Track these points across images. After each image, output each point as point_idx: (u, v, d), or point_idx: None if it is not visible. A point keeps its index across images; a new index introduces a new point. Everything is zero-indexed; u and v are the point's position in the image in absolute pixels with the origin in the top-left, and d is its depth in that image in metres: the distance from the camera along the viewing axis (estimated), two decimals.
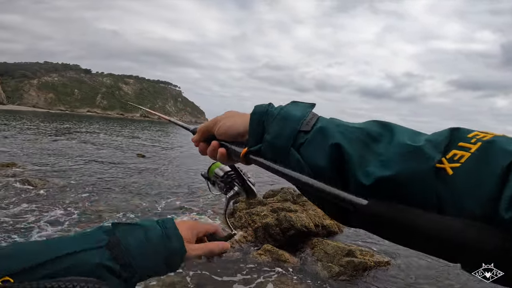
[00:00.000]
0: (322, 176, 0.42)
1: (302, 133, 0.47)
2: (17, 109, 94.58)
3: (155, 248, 0.55)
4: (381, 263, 4.65)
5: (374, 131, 0.42)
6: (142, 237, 0.55)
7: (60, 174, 8.49)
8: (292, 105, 0.51)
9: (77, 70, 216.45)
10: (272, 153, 0.49)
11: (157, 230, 0.58)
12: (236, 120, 0.56)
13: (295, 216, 5.50)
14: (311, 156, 0.45)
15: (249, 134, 0.52)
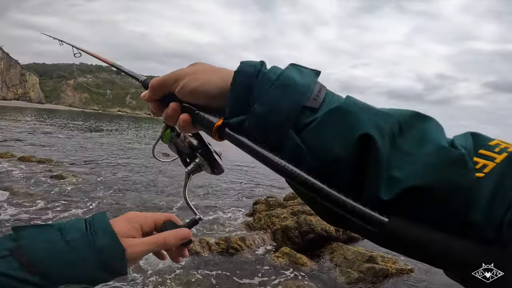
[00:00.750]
0: (331, 175, 0.33)
1: (307, 110, 0.35)
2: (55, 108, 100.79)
3: (77, 250, 0.44)
4: (404, 270, 4.47)
5: (405, 122, 0.34)
6: (57, 239, 0.45)
7: (92, 171, 8.96)
8: (293, 69, 0.38)
9: (109, 71, 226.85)
10: (260, 131, 0.36)
11: (78, 228, 0.47)
12: (208, 77, 0.41)
13: (316, 219, 5.43)
14: (323, 147, 0.34)
15: (230, 100, 0.38)
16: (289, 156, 0.34)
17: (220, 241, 4.70)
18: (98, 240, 0.46)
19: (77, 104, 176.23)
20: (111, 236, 0.47)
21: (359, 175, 0.33)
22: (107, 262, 0.46)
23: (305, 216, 5.58)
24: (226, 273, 3.97)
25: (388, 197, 0.31)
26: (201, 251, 4.43)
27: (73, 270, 0.44)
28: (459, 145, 0.31)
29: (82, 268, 0.44)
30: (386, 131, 0.32)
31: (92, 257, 0.45)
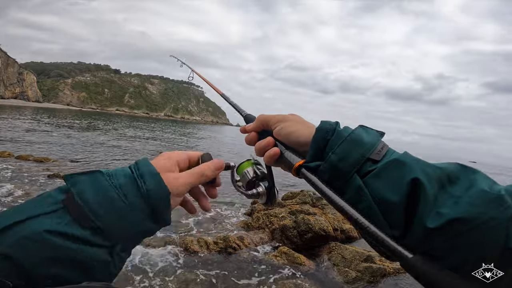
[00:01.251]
0: (387, 210, 0.41)
1: (370, 161, 0.45)
2: (53, 107, 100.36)
3: (125, 196, 0.43)
4: (401, 269, 4.49)
5: (454, 174, 0.41)
6: (106, 186, 0.43)
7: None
8: (361, 129, 0.49)
9: (108, 70, 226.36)
10: (330, 174, 0.47)
11: (125, 173, 0.46)
12: (300, 128, 0.54)
13: (314, 219, 5.45)
14: (381, 187, 0.43)
15: (310, 148, 0.50)
16: (352, 195, 0.44)
17: (219, 241, 4.70)
18: (144, 184, 0.45)
19: (75, 103, 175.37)
20: (156, 178, 0.46)
21: (409, 210, 0.40)
22: (153, 208, 0.45)
23: (303, 216, 5.59)
24: (225, 272, 3.98)
25: (434, 225, 0.37)
26: (199, 251, 4.43)
27: (123, 219, 0.43)
28: (503, 189, 0.38)
29: (132, 216, 0.43)
30: (433, 177, 0.41)
31: (141, 202, 0.44)
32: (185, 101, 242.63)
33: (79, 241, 0.39)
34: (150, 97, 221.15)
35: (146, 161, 0.49)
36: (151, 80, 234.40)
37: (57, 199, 0.42)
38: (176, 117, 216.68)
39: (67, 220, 0.40)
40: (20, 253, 0.37)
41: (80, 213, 0.40)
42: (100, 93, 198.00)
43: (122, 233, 0.43)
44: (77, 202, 0.41)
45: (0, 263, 0.36)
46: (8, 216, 0.39)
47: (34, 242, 0.37)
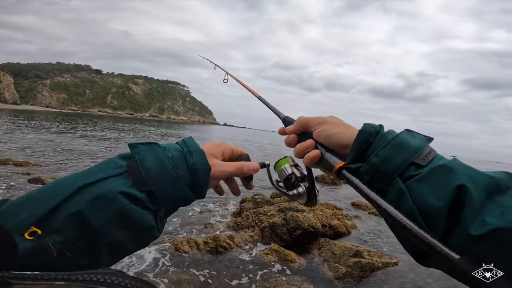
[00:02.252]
0: (428, 215, 0.41)
1: (414, 165, 0.45)
2: (31, 109, 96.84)
3: (176, 167, 0.49)
4: (389, 264, 4.59)
5: (504, 183, 0.41)
6: (162, 156, 0.49)
7: (72, 173, 8.67)
8: (407, 134, 0.49)
9: (88, 70, 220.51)
10: (372, 176, 0.47)
11: (175, 148, 0.52)
12: (342, 130, 0.54)
13: (303, 216, 5.48)
14: (425, 192, 0.42)
15: (352, 149, 0.50)
16: (392, 198, 0.44)
17: (209, 240, 4.66)
18: (192, 158, 0.51)
19: (55, 104, 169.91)
20: (202, 156, 0.52)
21: (451, 216, 0.40)
22: (195, 181, 0.51)
23: (292, 213, 5.61)
24: (216, 272, 3.95)
25: (477, 233, 0.37)
26: (189, 251, 4.38)
27: (173, 188, 0.48)
28: None
29: (178, 186, 0.49)
30: (481, 185, 0.40)
31: (187, 175, 0.50)
32: (170, 101, 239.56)
33: (138, 203, 0.45)
34: (134, 97, 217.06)
35: (193, 140, 0.55)
36: (135, 80, 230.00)
37: (120, 164, 0.48)
38: (161, 117, 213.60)
39: (130, 183, 0.45)
40: (93, 212, 0.41)
41: (140, 177, 0.46)
42: (81, 94, 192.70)
43: (168, 198, 0.48)
44: (139, 167, 0.47)
45: (72, 224, 0.40)
46: (79, 179, 0.44)
47: (106, 201, 0.42)
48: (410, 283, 4.22)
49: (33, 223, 0.39)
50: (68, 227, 0.40)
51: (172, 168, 0.48)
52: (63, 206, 0.41)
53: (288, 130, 0.63)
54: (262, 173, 0.66)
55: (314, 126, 0.57)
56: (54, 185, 0.44)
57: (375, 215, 7.59)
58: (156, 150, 0.49)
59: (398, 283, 4.18)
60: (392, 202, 0.43)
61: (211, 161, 0.53)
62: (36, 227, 0.39)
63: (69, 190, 0.42)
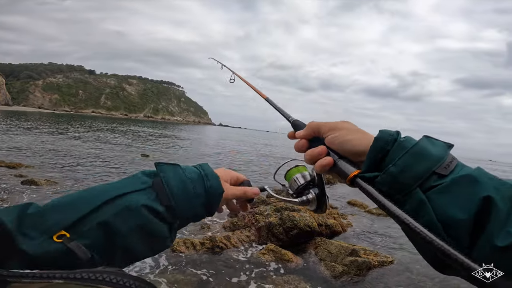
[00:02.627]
0: (450, 227, 0.40)
1: (436, 175, 0.43)
2: (23, 110, 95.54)
3: (194, 187, 0.56)
4: (385, 262, 4.63)
5: None
6: (183, 176, 0.56)
7: (66, 175, 8.57)
8: (427, 141, 0.47)
9: (81, 71, 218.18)
10: (389, 187, 0.45)
11: (193, 170, 0.59)
12: (356, 136, 0.52)
13: (299, 215, 5.50)
14: (447, 203, 0.41)
15: (368, 157, 0.48)
16: (411, 209, 0.43)
17: (205, 241, 4.65)
18: (208, 181, 0.58)
19: (47, 105, 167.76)
20: (217, 180, 0.59)
21: (475, 228, 0.39)
22: (210, 200, 0.58)
23: (288, 212, 5.62)
24: (213, 272, 3.93)
25: (503, 244, 0.36)
26: (186, 251, 4.36)
27: (189, 204, 0.55)
28: None
29: (195, 203, 0.56)
30: (506, 196, 0.39)
31: (203, 195, 0.57)
32: (165, 102, 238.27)
33: (158, 215, 0.51)
34: (128, 98, 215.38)
35: (208, 166, 0.62)
36: (129, 80, 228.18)
37: (146, 180, 0.54)
38: (156, 118, 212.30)
39: (153, 197, 0.51)
40: (119, 221, 0.47)
41: (163, 193, 0.52)
42: (74, 95, 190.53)
43: (184, 213, 0.55)
44: (164, 185, 0.53)
45: (99, 231, 0.45)
46: (108, 191, 0.50)
47: (131, 211, 0.48)
48: (405, 281, 4.25)
49: (62, 227, 0.43)
50: (95, 234, 0.45)
51: (191, 189, 0.55)
52: (92, 215, 0.46)
53: (298, 135, 0.61)
54: (260, 172, 0.69)
55: (327, 132, 0.55)
56: (83, 194, 0.50)
57: (370, 213, 7.64)
58: (178, 171, 0.56)
59: (394, 281, 4.21)
60: (410, 213, 0.42)
61: (223, 184, 0.60)
62: (65, 231, 0.43)
63: (99, 201, 0.47)
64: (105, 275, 0.33)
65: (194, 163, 0.64)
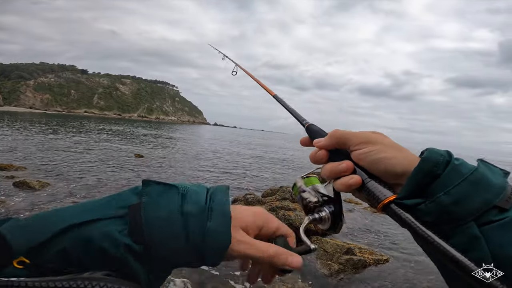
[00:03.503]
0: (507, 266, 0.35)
1: (496, 209, 0.37)
2: (14, 110, 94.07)
3: (187, 227, 0.39)
4: (380, 260, 4.66)
5: None
6: (174, 208, 0.40)
7: (59, 176, 8.45)
8: (484, 167, 0.40)
9: (74, 70, 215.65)
10: (437, 217, 0.38)
11: (197, 200, 0.41)
12: (395, 154, 0.43)
13: (294, 214, 5.51)
14: (508, 242, 0.35)
15: (410, 181, 0.40)
16: (460, 243, 0.37)
17: None
18: (210, 221, 0.40)
19: (38, 105, 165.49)
20: (225, 221, 0.41)
21: None
22: (205, 251, 0.40)
23: (284, 212, 5.63)
24: (209, 272, 3.91)
25: None
26: None
27: (173, 247, 0.39)
28: None
29: (181, 247, 0.39)
30: None
31: (197, 239, 0.39)
32: (159, 101, 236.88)
33: (133, 254, 0.38)
34: (122, 97, 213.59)
35: (224, 194, 0.44)
36: (122, 80, 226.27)
37: (130, 201, 0.41)
38: (150, 117, 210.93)
39: (124, 230, 0.38)
40: (80, 253, 0.37)
41: (138, 226, 0.39)
42: (66, 95, 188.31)
43: (165, 258, 0.40)
44: (140, 214, 0.39)
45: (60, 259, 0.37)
46: (75, 215, 0.39)
47: (96, 245, 0.38)
48: (401, 279, 4.29)
49: (22, 253, 0.37)
50: (57, 261, 0.38)
51: (181, 235, 0.39)
52: (53, 241, 0.38)
53: (318, 144, 0.51)
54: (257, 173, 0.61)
55: (357, 145, 0.46)
56: (49, 215, 0.41)
57: (365, 210, 7.69)
58: (170, 197, 0.41)
59: (389, 279, 4.25)
60: (457, 247, 0.36)
61: (236, 232, 0.41)
62: (25, 257, 0.37)
63: (62, 225, 0.38)
64: (94, 283, 0.31)
65: (188, 164, 0.53)
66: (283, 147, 37.36)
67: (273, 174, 12.96)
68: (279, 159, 20.78)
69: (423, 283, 4.23)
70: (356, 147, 0.46)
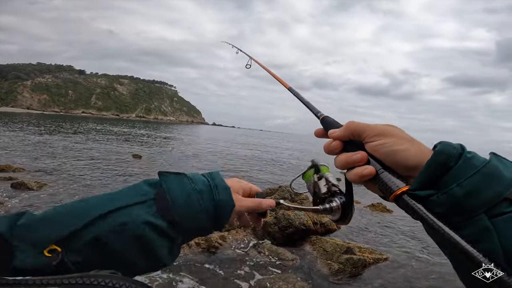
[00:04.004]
0: None
1: (507, 201, 0.38)
2: (11, 111, 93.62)
3: (202, 200, 0.51)
4: (380, 259, 4.67)
5: None
6: (189, 188, 0.51)
7: (57, 176, 8.42)
8: (496, 160, 0.41)
9: (71, 71, 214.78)
10: (448, 208, 0.39)
11: (202, 181, 0.54)
12: (408, 147, 0.44)
13: (293, 214, 5.51)
14: None
15: (423, 173, 0.41)
16: (470, 235, 0.38)
17: (200, 241, 4.61)
18: (218, 194, 0.53)
19: (36, 106, 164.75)
20: (228, 192, 0.54)
21: None
22: (218, 214, 0.53)
23: (283, 211, 5.63)
24: (210, 272, 3.91)
25: None
26: (181, 252, 4.30)
27: (195, 219, 0.50)
28: None
29: (201, 218, 0.51)
30: None
31: (211, 209, 0.52)
32: (157, 101, 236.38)
33: (160, 231, 0.47)
34: (120, 98, 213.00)
35: (219, 175, 0.57)
36: (120, 80, 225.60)
37: (146, 190, 0.49)
38: (148, 118, 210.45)
39: (154, 211, 0.47)
40: (114, 238, 0.43)
41: (165, 206, 0.48)
42: (64, 95, 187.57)
43: (189, 228, 0.50)
44: (166, 197, 0.49)
45: (92, 247, 0.42)
46: (103, 204, 0.45)
47: (129, 227, 0.44)
48: (401, 278, 4.29)
49: (53, 241, 0.40)
50: (88, 250, 0.42)
51: (197, 202, 0.51)
52: (85, 229, 0.42)
53: (333, 135, 0.52)
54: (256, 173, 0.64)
55: (372, 137, 0.47)
56: (77, 206, 0.46)
57: (364, 210, 7.70)
58: (183, 182, 0.52)
59: (390, 278, 4.25)
60: (467, 238, 0.37)
61: (235, 197, 0.55)
62: (56, 245, 0.40)
63: (93, 215, 0.43)
64: (100, 279, 0.32)
65: (187, 164, 0.60)
66: (282, 146, 37.37)
67: (272, 174, 12.97)
68: (278, 158, 20.78)
69: (423, 282, 4.24)
70: (371, 138, 0.47)
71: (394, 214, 7.40)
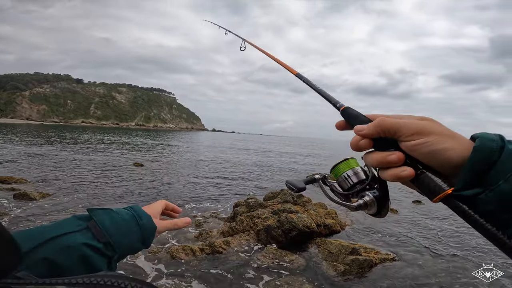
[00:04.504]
0: None
1: None
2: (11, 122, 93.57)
3: (129, 226, 0.65)
4: (387, 259, 4.64)
5: None
6: (117, 218, 0.64)
7: (59, 187, 8.40)
8: None
9: (69, 80, 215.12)
10: (497, 206, 0.37)
11: (126, 212, 0.68)
12: (451, 145, 0.40)
13: (296, 217, 5.49)
14: None
15: (467, 171, 0.38)
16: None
17: (205, 247, 4.60)
18: (141, 220, 0.68)
19: (35, 116, 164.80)
20: (149, 218, 0.71)
21: None
22: (144, 235, 0.68)
23: (286, 214, 5.61)
24: (214, 277, 3.89)
25: None
26: (185, 258, 4.30)
27: (126, 239, 0.63)
28: None
29: (131, 239, 0.65)
30: None
31: (138, 231, 0.67)
32: (157, 109, 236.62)
33: (97, 250, 0.58)
34: (119, 106, 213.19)
35: (139, 207, 0.73)
36: (118, 88, 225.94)
37: (79, 222, 0.61)
38: (148, 126, 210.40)
39: (90, 236, 0.59)
40: (61, 257, 0.53)
41: (99, 232, 0.60)
42: (62, 105, 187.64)
43: (122, 248, 0.63)
44: (99, 226, 0.61)
45: (43, 266, 0.51)
46: (49, 232, 0.56)
47: (72, 249, 0.55)
48: (410, 277, 4.25)
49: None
50: (39, 267, 0.50)
51: (126, 227, 0.64)
52: (37, 250, 0.51)
53: (361, 133, 0.47)
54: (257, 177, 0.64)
55: (410, 136, 0.42)
56: (28, 233, 0.54)
57: None
58: (111, 214, 0.65)
59: (398, 278, 4.21)
60: None
61: (155, 220, 0.72)
62: None
63: (43, 239, 0.53)
64: (106, 279, 0.34)
65: (188, 171, 0.65)
66: (282, 151, 37.33)
67: (273, 178, 12.96)
68: (279, 163, 20.75)
69: (433, 279, 4.19)
70: (407, 138, 0.43)
71: (399, 213, 7.36)
